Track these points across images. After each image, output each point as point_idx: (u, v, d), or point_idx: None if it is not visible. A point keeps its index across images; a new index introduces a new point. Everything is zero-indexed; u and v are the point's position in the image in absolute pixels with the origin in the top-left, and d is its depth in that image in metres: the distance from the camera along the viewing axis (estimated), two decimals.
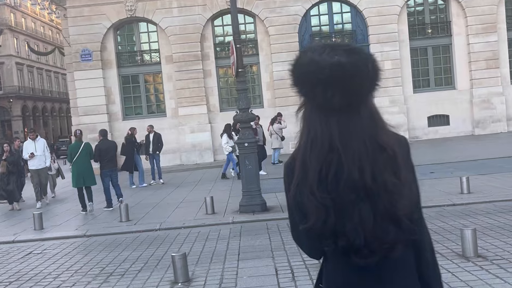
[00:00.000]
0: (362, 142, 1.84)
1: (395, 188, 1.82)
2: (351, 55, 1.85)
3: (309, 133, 1.90)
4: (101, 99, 23.75)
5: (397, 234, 1.83)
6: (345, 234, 1.82)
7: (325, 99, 1.84)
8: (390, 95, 23.79)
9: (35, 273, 7.53)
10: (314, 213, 1.83)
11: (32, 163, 13.99)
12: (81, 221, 11.54)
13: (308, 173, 1.85)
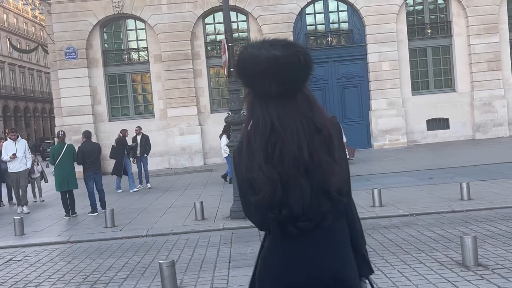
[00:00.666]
0: (299, 123, 2.15)
1: (329, 166, 2.15)
2: (286, 49, 2.17)
3: (253, 118, 2.21)
4: (86, 99, 22.80)
5: (329, 205, 2.19)
6: (289, 204, 2.14)
7: (263, 88, 2.16)
8: (388, 97, 23.12)
9: (15, 281, 7.35)
10: (264, 186, 2.14)
11: (12, 166, 13.33)
12: (64, 227, 11.20)
13: (254, 152, 2.16)
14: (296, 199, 2.15)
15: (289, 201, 2.15)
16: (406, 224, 8.89)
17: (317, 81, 23.49)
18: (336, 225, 2.26)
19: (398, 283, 5.81)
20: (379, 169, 16.37)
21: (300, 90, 2.23)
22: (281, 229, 2.23)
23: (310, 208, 2.17)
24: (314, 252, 2.24)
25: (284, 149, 2.13)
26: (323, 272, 2.24)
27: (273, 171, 2.14)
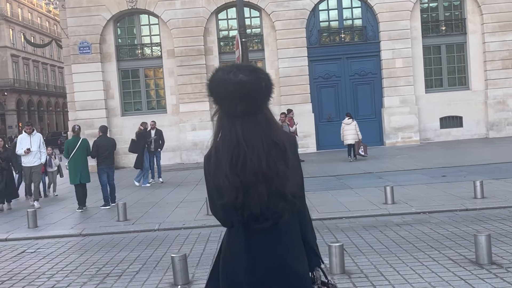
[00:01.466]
0: (259, 139, 2.53)
1: (284, 174, 2.53)
2: (252, 74, 2.54)
3: (221, 132, 2.58)
4: (99, 94, 22.89)
5: (284, 206, 2.55)
6: (249, 207, 2.52)
7: (230, 107, 2.53)
8: (401, 95, 22.98)
9: (28, 273, 7.37)
10: (228, 192, 2.52)
11: (26, 160, 13.08)
12: (77, 220, 11.23)
13: (221, 162, 2.53)
14: (255, 203, 2.54)
15: (249, 204, 2.55)
16: (419, 222, 8.84)
17: (329, 78, 23.44)
18: (290, 224, 2.66)
19: (411, 280, 5.78)
20: (391, 166, 16.29)
21: (261, 110, 2.61)
22: (244, 227, 2.62)
23: (267, 209, 2.55)
24: (271, 246, 2.63)
25: (246, 161, 2.52)
26: (278, 263, 2.62)
27: (237, 179, 2.53)
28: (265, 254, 2.63)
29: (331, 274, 6.15)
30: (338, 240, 7.66)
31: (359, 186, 12.85)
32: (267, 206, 2.56)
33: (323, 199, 11.43)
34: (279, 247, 2.64)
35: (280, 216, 2.58)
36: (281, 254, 2.64)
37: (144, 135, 16.13)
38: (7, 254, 8.69)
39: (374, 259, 6.75)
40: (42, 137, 13.96)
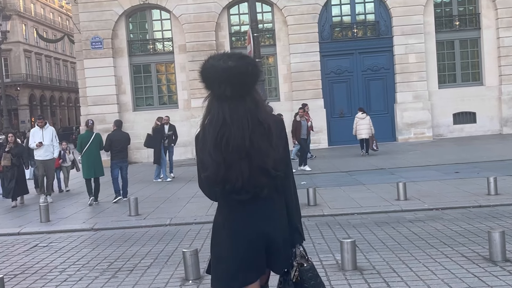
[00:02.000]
0: (245, 119, 2.84)
1: (266, 151, 2.84)
2: (240, 61, 2.86)
3: (210, 113, 2.92)
4: (111, 89, 22.93)
5: (265, 181, 2.86)
6: (231, 180, 2.84)
7: (219, 91, 2.86)
8: (414, 90, 22.81)
9: (41, 266, 7.40)
10: (210, 166, 2.85)
11: (38, 153, 12.88)
12: (89, 214, 11.27)
13: (207, 140, 2.86)
14: (237, 177, 2.86)
15: (231, 178, 2.86)
16: (432, 218, 8.76)
17: (342, 73, 23.30)
18: (272, 199, 2.96)
19: (424, 277, 5.72)
20: (404, 162, 16.18)
21: (249, 92, 2.92)
22: (226, 200, 2.98)
23: (248, 183, 2.87)
24: (252, 217, 2.95)
25: (230, 139, 2.84)
26: (258, 233, 2.95)
27: (219, 156, 2.86)
28: (247, 225, 2.96)
29: (343, 270, 6.11)
30: (350, 236, 7.60)
31: (371, 182, 12.77)
32: (249, 180, 2.87)
33: (334, 195, 11.37)
34: (261, 219, 2.95)
35: (260, 190, 2.90)
36: (263, 226, 2.95)
37: (160, 130, 16.12)
38: (19, 248, 8.73)
39: (387, 255, 6.69)
40: (55, 130, 13.78)
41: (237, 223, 2.96)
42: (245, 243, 2.94)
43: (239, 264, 2.95)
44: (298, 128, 15.88)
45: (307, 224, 8.90)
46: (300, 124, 15.91)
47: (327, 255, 6.88)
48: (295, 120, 16.04)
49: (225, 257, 2.98)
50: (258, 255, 2.96)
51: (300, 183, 13.18)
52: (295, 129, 15.94)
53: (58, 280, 6.62)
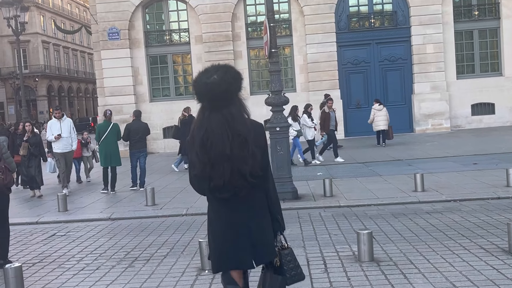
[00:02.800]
0: (224, 130, 3.32)
1: (243, 158, 3.31)
2: (224, 74, 3.35)
3: (197, 120, 3.44)
4: (128, 80, 23.01)
5: (242, 183, 3.34)
6: (215, 178, 3.33)
7: (203, 103, 3.41)
8: (432, 81, 22.56)
9: (58, 255, 7.48)
10: (197, 165, 3.37)
11: (57, 146, 12.72)
12: (106, 204, 11.34)
13: (195, 144, 3.37)
14: (219, 176, 3.35)
15: (215, 177, 3.36)
16: (449, 210, 8.68)
17: (358, 64, 23.13)
18: (253, 195, 3.44)
19: (441, 268, 5.68)
20: (421, 154, 16.05)
21: (226, 106, 3.38)
22: (213, 195, 3.45)
23: (229, 183, 3.35)
24: (236, 212, 3.44)
25: (213, 144, 3.34)
26: (241, 225, 3.43)
27: (205, 156, 3.36)
28: (232, 219, 3.45)
29: (359, 261, 6.09)
30: (367, 227, 7.57)
31: (388, 173, 12.69)
32: (230, 181, 3.35)
33: (351, 186, 11.32)
34: (244, 214, 3.43)
35: (239, 190, 3.37)
36: (246, 220, 3.43)
37: (188, 122, 15.91)
38: (38, 236, 8.83)
39: (404, 247, 6.65)
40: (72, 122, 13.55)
41: (224, 218, 3.46)
42: (231, 235, 3.43)
43: (227, 252, 3.45)
44: (327, 119, 15.73)
45: (323, 215, 8.89)
46: (329, 116, 15.77)
47: (343, 246, 6.85)
48: (324, 112, 15.87)
49: (217, 246, 3.49)
50: (243, 247, 3.42)
51: (316, 174, 13.15)
52: (323, 120, 15.79)
53: (76, 269, 6.69)
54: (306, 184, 11.74)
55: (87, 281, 6.14)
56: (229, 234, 3.43)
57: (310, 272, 5.86)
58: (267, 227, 3.48)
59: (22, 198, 12.68)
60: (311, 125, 15.58)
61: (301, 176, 12.74)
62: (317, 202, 9.94)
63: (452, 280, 5.29)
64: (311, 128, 15.62)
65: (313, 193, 10.69)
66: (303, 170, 14.12)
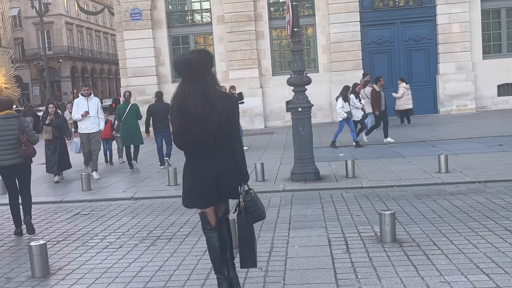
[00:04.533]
0: (199, 94, 4.17)
1: (210, 117, 4.14)
2: (198, 54, 4.34)
3: (177, 91, 4.31)
4: (150, 61, 23.08)
5: (209, 138, 4.18)
6: (188, 135, 4.20)
7: (182, 75, 4.31)
8: (457, 61, 22.19)
9: (82, 234, 7.57)
10: (176, 125, 4.25)
11: (83, 125, 12.04)
12: (129, 184, 11.41)
13: (173, 109, 4.25)
14: (191, 133, 4.21)
15: (189, 134, 4.22)
16: (474, 191, 8.56)
17: (382, 43, 22.82)
18: (221, 150, 4.29)
19: (465, 250, 5.60)
20: (445, 135, 15.83)
21: (202, 76, 4.24)
22: (188, 149, 4.36)
23: (199, 138, 4.20)
24: (207, 163, 4.32)
25: (188, 108, 4.19)
26: (211, 173, 4.31)
27: (182, 118, 4.23)
28: (204, 168, 4.31)
29: (381, 242, 6.04)
30: (389, 208, 7.51)
31: (411, 154, 12.55)
32: (200, 136, 4.19)
33: (373, 167, 11.23)
34: (213, 164, 4.30)
35: (207, 143, 4.21)
36: (214, 168, 4.29)
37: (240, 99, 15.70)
38: (62, 215, 8.94)
39: (427, 228, 6.58)
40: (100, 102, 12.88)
41: (196, 166, 4.35)
42: (201, 180, 4.33)
43: (197, 194, 4.37)
44: (378, 98, 15.21)
45: (345, 196, 8.84)
46: (379, 95, 15.26)
47: (365, 227, 6.81)
48: (375, 91, 15.34)
49: (189, 189, 4.40)
50: (211, 189, 4.31)
51: (338, 155, 13.07)
52: (374, 100, 15.27)
53: (99, 247, 6.76)
54: (328, 165, 11.68)
55: (110, 259, 6.21)
56: (197, 180, 4.34)
57: (332, 252, 5.83)
58: (231, 175, 4.33)
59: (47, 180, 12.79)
60: (359, 106, 14.92)
61: (323, 157, 12.67)
62: (339, 183, 9.88)
63: (476, 262, 5.22)
64: (359, 109, 14.94)
65: (335, 174, 10.63)
66: (324, 151, 14.02)
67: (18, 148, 7.55)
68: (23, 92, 54.81)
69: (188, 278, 5.32)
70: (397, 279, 4.88)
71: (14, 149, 7.55)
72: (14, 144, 7.55)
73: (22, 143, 7.56)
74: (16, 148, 7.55)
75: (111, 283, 5.34)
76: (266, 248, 6.15)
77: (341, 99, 14.44)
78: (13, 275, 5.79)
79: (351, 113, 14.54)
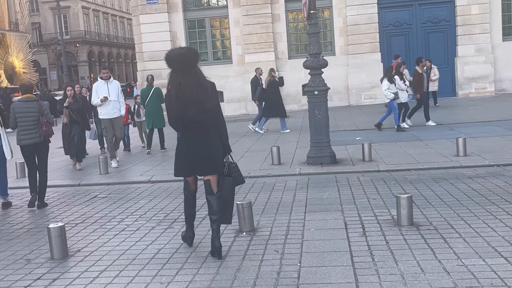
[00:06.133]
0: (192, 82, 5.11)
1: (205, 99, 5.12)
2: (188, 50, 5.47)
3: (171, 81, 5.21)
4: (166, 44, 22.94)
5: (206, 117, 5.16)
6: (184, 117, 5.15)
7: (175, 67, 5.20)
8: (476, 43, 21.86)
9: (100, 216, 7.66)
10: (175, 109, 5.16)
11: (104, 111, 11.49)
12: (146, 167, 11.44)
13: (171, 95, 5.18)
14: (190, 113, 5.12)
15: (187, 115, 5.14)
16: (492, 175, 8.47)
17: (400, 26, 22.54)
18: (211, 131, 5.27)
19: (483, 233, 5.56)
20: (463, 118, 15.66)
21: (193, 68, 5.20)
22: (185, 128, 5.26)
23: (197, 117, 5.14)
24: (200, 142, 5.26)
25: (184, 93, 5.09)
26: (201, 151, 5.28)
27: (179, 102, 5.12)
28: (196, 146, 5.27)
29: (398, 225, 6.01)
30: (406, 191, 7.46)
31: (429, 137, 12.44)
32: (197, 115, 5.13)
33: (391, 150, 11.16)
34: (204, 143, 5.26)
35: (204, 121, 5.18)
36: (205, 147, 5.27)
37: (278, 83, 15.64)
38: (80, 198, 9.03)
39: (444, 211, 6.53)
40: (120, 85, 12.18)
41: (189, 145, 5.31)
42: (193, 155, 5.30)
43: (187, 165, 5.39)
44: (420, 80, 14.81)
45: (361, 180, 8.80)
46: (422, 77, 14.86)
47: (382, 210, 6.78)
48: (417, 72, 14.88)
49: (181, 161, 5.42)
50: (199, 162, 5.32)
51: (355, 139, 13.00)
52: (417, 82, 14.83)
53: (117, 230, 6.83)
54: (344, 148, 11.64)
55: (128, 241, 6.27)
56: (188, 153, 5.31)
57: (348, 235, 5.82)
58: (217, 150, 5.32)
59: (65, 161, 12.91)
60: (403, 88, 14.42)
61: (339, 141, 12.62)
62: (356, 166, 9.83)
63: (494, 245, 5.17)
64: (404, 91, 14.40)
65: (352, 158, 10.58)
66: (341, 135, 13.96)
67: (38, 128, 8.35)
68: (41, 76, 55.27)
69: (205, 260, 5.36)
70: (414, 262, 4.86)
71: (34, 129, 8.35)
72: (34, 125, 8.35)
73: (42, 124, 8.36)
74: (36, 128, 8.35)
75: (128, 264, 5.40)
76: (282, 231, 6.16)
77: (386, 80, 14.02)
78: (33, 257, 5.88)
79: (398, 94, 14.04)
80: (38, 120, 8.36)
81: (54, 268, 5.45)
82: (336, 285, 4.46)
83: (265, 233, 6.16)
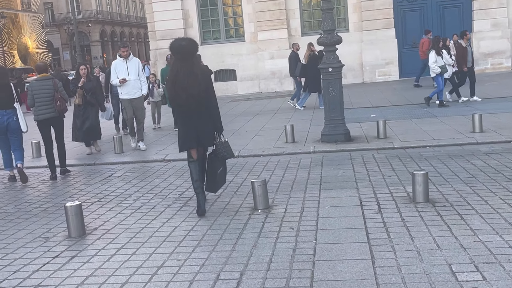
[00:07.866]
0: (187, 70, 6.07)
1: (194, 85, 6.05)
2: (188, 42, 6.28)
3: (172, 66, 6.36)
4: (178, 23, 22.95)
5: (193, 100, 6.11)
6: (178, 99, 6.21)
7: (175, 56, 6.25)
8: (492, 18, 21.49)
9: (116, 195, 7.74)
10: (172, 92, 6.24)
11: (124, 91, 10.98)
12: (161, 146, 11.47)
13: (170, 82, 6.23)
14: (181, 98, 6.09)
15: (180, 99, 6.13)
16: (509, 151, 8.39)
17: (415, 1, 22.22)
18: (204, 112, 6.21)
19: (500, 210, 5.52)
20: (479, 94, 15.42)
21: (190, 58, 6.10)
22: (179, 109, 6.32)
23: (186, 101, 6.07)
24: (193, 120, 6.21)
25: (180, 80, 6.03)
26: (197, 129, 6.21)
27: (172, 87, 6.15)
28: (192, 124, 6.20)
29: (414, 202, 5.99)
30: (422, 168, 7.42)
31: (444, 114, 12.33)
32: (186, 100, 6.05)
33: (406, 127, 11.08)
34: (199, 121, 6.19)
35: (191, 105, 6.08)
36: (200, 125, 6.20)
37: (318, 58, 14.72)
38: (96, 177, 9.11)
39: (460, 188, 6.49)
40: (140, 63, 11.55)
41: (183, 122, 6.31)
42: (188, 132, 6.23)
43: (187, 140, 6.26)
44: (465, 55, 14.30)
45: (376, 157, 8.77)
46: (466, 50, 14.28)
47: (397, 187, 6.76)
48: (461, 46, 14.40)
49: (181, 137, 6.30)
50: (194, 138, 6.21)
51: (369, 116, 12.92)
52: (461, 56, 14.31)
53: (133, 208, 6.88)
54: (359, 126, 11.57)
55: (144, 219, 6.32)
56: (186, 130, 6.24)
57: (364, 212, 5.81)
58: (209, 128, 6.28)
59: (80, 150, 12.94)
60: (451, 62, 13.98)
61: (354, 118, 12.53)
62: (370, 144, 9.78)
63: (511, 221, 5.14)
64: (450, 66, 14.02)
65: (366, 135, 10.53)
66: (355, 112, 13.87)
67: (54, 104, 9.18)
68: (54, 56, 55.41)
69: (221, 238, 5.38)
70: (430, 239, 4.85)
71: (49, 105, 9.20)
72: (50, 101, 9.20)
73: (57, 100, 9.18)
74: (51, 104, 9.20)
75: (145, 242, 5.44)
76: (297, 209, 6.17)
77: (434, 52, 13.55)
78: (51, 235, 5.95)
79: (445, 68, 13.59)
80: (53, 96, 9.19)
81: (72, 246, 5.51)
82: (352, 261, 4.47)
83: (280, 210, 6.17)
